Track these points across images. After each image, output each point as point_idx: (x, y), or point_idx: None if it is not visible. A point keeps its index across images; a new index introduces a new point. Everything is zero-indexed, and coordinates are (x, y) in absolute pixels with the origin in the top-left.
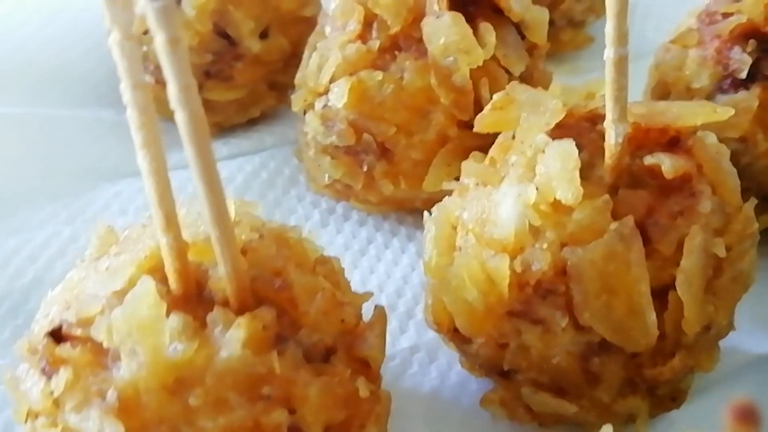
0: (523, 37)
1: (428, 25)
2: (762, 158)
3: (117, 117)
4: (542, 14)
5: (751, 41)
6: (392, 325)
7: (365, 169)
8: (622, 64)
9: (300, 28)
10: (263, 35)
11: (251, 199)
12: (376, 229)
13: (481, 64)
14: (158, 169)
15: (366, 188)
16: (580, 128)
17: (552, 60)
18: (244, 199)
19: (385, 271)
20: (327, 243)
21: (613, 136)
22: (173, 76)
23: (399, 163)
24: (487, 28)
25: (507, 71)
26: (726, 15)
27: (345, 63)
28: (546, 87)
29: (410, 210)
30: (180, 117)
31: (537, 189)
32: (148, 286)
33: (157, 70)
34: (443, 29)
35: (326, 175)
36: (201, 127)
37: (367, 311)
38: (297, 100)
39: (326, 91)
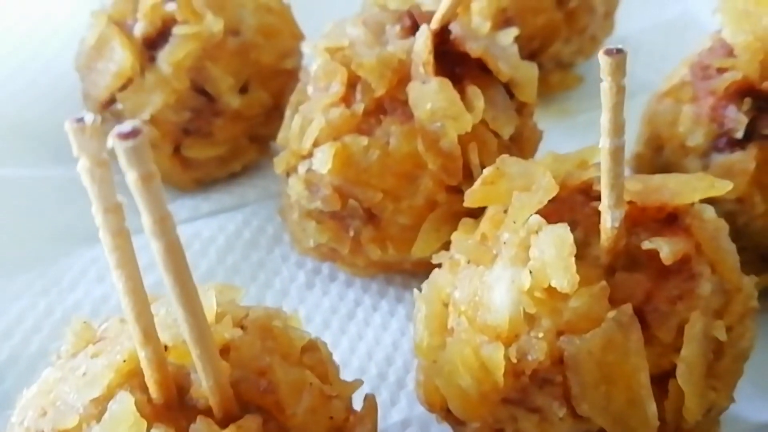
0: (512, 95)
1: (414, 90)
2: (759, 219)
3: None
4: (531, 72)
5: (747, 99)
6: (383, 397)
7: (352, 234)
8: (618, 154)
9: (281, 81)
10: (243, 90)
11: (234, 260)
12: (363, 290)
13: (469, 130)
14: (134, 288)
15: (353, 253)
16: (574, 203)
17: (541, 101)
18: (226, 285)
19: (374, 337)
20: (313, 306)
21: (609, 221)
22: (148, 210)
23: (386, 229)
24: (475, 93)
25: (496, 134)
26: (721, 70)
27: (328, 127)
28: (536, 145)
29: (399, 271)
30: (156, 247)
31: (531, 274)
32: (126, 403)
33: None
34: (430, 95)
35: (311, 240)
36: (178, 256)
37: (359, 395)
38: (280, 162)
39: (310, 155)
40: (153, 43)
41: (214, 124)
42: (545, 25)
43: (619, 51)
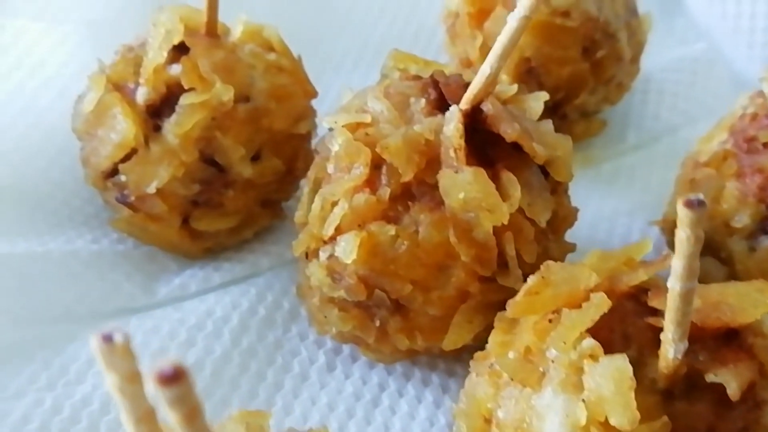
0: (546, 173)
1: (445, 178)
2: None
3: (94, 247)
4: (567, 148)
5: None
6: None
7: (378, 323)
8: (689, 297)
9: (294, 145)
10: (255, 157)
11: (249, 341)
12: (388, 372)
13: (506, 222)
14: None
15: (379, 341)
16: (625, 313)
17: None
18: (251, 414)
19: (402, 428)
20: (335, 392)
21: (672, 353)
22: None
23: (415, 319)
24: (511, 181)
25: (532, 221)
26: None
27: (352, 213)
28: (572, 223)
29: (426, 354)
30: None
31: (586, 405)
32: None
33: (138, 200)
34: (463, 185)
35: (333, 327)
36: None
37: None
38: (298, 245)
39: (332, 240)
40: (158, 111)
41: (225, 195)
42: (571, 77)
43: (701, 203)
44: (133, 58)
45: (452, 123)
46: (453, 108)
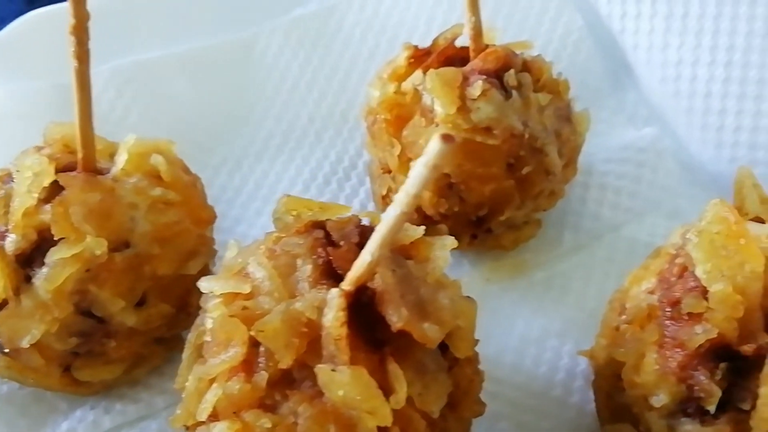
0: (445, 348)
1: (323, 374)
2: None
3: None
4: (470, 316)
5: (722, 366)
6: None
7: None
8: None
9: (185, 285)
10: (140, 302)
11: None
12: None
13: (390, 424)
14: None
15: None
16: None
17: (490, 256)
18: None
19: None
20: None
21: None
22: None
23: None
24: (396, 375)
25: (424, 413)
26: (693, 316)
27: (226, 400)
28: (478, 390)
29: None
30: None
31: None
32: None
33: (14, 352)
34: (341, 384)
35: None
36: None
37: None
38: (176, 420)
39: (207, 423)
40: (28, 259)
41: (108, 345)
42: (494, 194)
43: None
44: (2, 196)
45: (332, 311)
46: (333, 292)
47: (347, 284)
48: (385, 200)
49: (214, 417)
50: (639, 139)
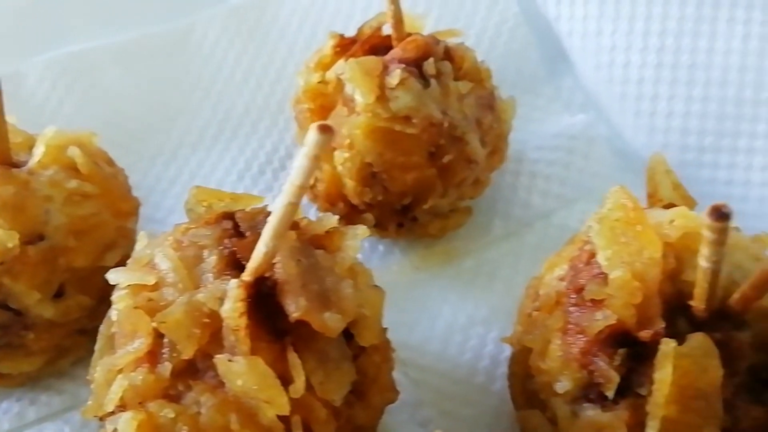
0: (350, 336)
1: (221, 365)
2: None
3: None
4: (376, 305)
5: (621, 351)
6: None
7: None
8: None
9: (105, 277)
10: (59, 293)
11: None
12: None
13: (287, 412)
14: None
15: None
16: None
17: (421, 243)
18: None
19: None
20: None
21: None
22: None
23: None
24: (295, 366)
25: (325, 401)
26: (595, 302)
27: (132, 390)
28: (384, 381)
29: None
30: None
31: None
32: None
33: None
34: (239, 374)
35: None
36: None
37: None
38: (87, 410)
39: (115, 413)
40: None
41: (26, 338)
42: (417, 182)
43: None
44: None
45: (230, 302)
46: (232, 283)
47: (247, 275)
48: (313, 190)
49: (121, 407)
50: (571, 126)
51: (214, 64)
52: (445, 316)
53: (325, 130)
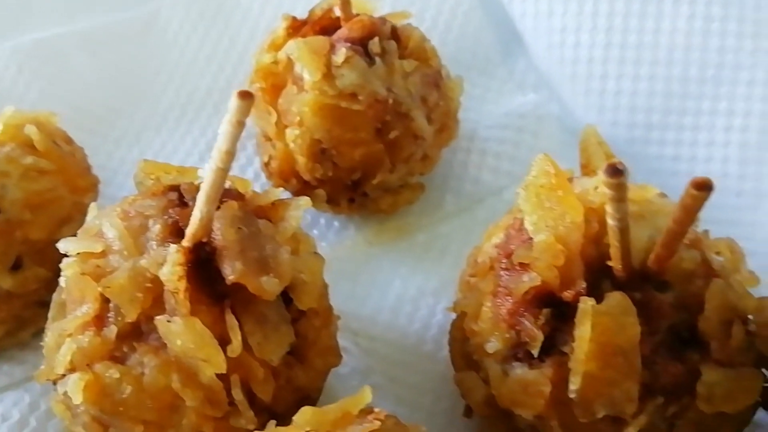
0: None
1: (161, 325)
2: None
3: None
4: (315, 271)
5: (545, 311)
6: None
7: None
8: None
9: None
10: (16, 265)
11: None
12: None
13: (224, 370)
14: None
15: None
16: None
17: (375, 219)
18: None
19: None
20: None
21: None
22: None
23: None
24: (232, 327)
25: (263, 361)
26: (523, 266)
27: (80, 353)
28: (323, 344)
29: None
30: None
31: None
32: None
33: None
34: (177, 335)
35: None
36: None
37: None
38: (40, 375)
39: (64, 376)
40: None
41: None
42: (365, 158)
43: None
44: None
45: (168, 266)
46: (171, 248)
47: (186, 241)
48: (267, 167)
49: (71, 370)
50: (521, 106)
51: (178, 48)
52: (396, 288)
53: (245, 96)
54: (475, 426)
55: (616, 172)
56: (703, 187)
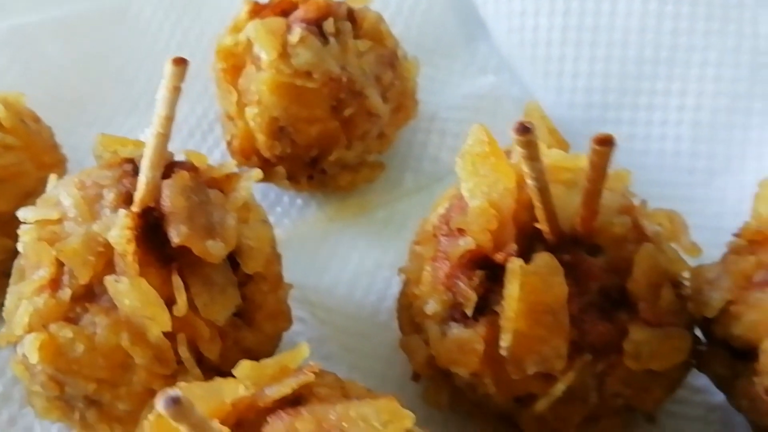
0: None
1: (110, 285)
2: (495, 396)
3: None
4: (263, 238)
5: (478, 272)
6: None
7: (77, 416)
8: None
9: None
10: None
11: None
12: None
13: (169, 329)
14: None
15: (85, 429)
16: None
17: (336, 196)
18: None
19: None
20: None
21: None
22: None
23: (110, 412)
24: (178, 288)
25: (209, 321)
26: (460, 231)
27: (36, 314)
28: (271, 309)
29: None
30: None
31: None
32: None
33: None
34: (125, 294)
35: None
36: None
37: None
38: (2, 337)
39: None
40: None
41: None
42: (321, 135)
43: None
44: None
45: (117, 228)
46: (120, 212)
47: (134, 206)
48: (230, 146)
49: (29, 332)
50: (480, 87)
51: (150, 35)
52: (354, 262)
53: (179, 63)
54: (424, 390)
55: (524, 130)
56: (605, 142)
